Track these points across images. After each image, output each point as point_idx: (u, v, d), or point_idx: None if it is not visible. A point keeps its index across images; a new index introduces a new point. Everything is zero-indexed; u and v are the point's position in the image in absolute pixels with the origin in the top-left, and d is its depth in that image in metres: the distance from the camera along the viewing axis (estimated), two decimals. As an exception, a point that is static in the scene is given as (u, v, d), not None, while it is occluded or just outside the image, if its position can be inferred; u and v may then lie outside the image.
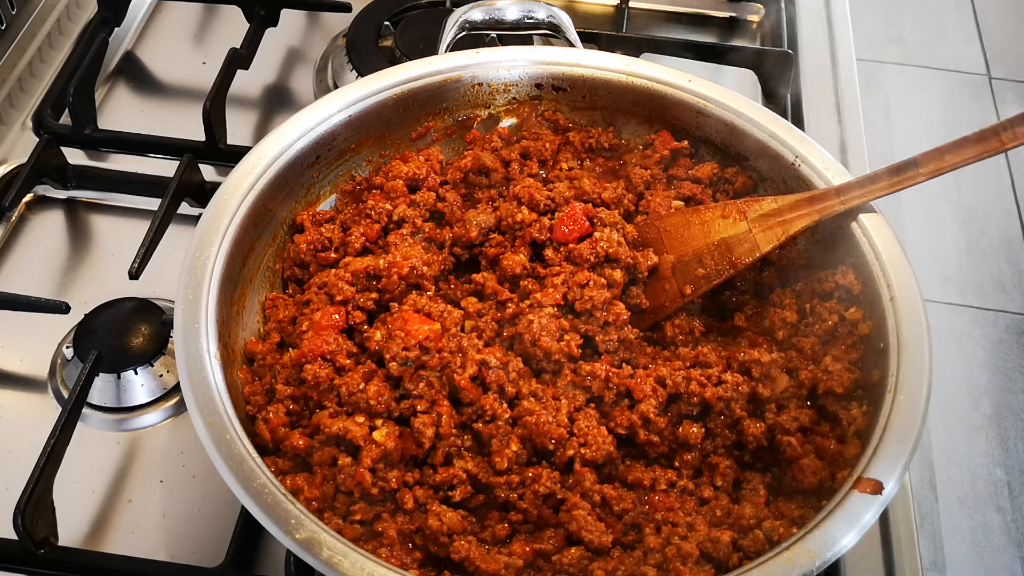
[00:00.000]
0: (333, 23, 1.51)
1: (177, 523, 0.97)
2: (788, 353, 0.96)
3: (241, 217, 0.95)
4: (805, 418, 0.91)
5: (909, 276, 0.92)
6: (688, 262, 1.02)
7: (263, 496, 0.76)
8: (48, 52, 1.42)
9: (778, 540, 0.80)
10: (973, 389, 2.67)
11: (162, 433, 1.04)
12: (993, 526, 2.41)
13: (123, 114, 1.37)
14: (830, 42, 1.51)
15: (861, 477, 0.79)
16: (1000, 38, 3.62)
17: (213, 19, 1.52)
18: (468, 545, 0.81)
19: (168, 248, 1.10)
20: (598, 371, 0.91)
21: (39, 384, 1.07)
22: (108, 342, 1.04)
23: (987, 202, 3.07)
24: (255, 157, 0.99)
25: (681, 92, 1.10)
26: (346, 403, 0.88)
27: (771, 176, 1.06)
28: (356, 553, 0.74)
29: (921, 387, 0.84)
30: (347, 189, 1.10)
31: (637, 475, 0.89)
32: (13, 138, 1.31)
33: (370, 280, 0.97)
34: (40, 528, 0.89)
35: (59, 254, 1.20)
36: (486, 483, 0.86)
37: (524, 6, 1.19)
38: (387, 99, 1.08)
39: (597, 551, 0.82)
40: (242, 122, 1.37)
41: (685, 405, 0.91)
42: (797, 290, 1.02)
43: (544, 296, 0.95)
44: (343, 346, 0.92)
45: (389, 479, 0.85)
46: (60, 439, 0.93)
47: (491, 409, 0.88)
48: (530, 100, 1.15)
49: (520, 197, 1.04)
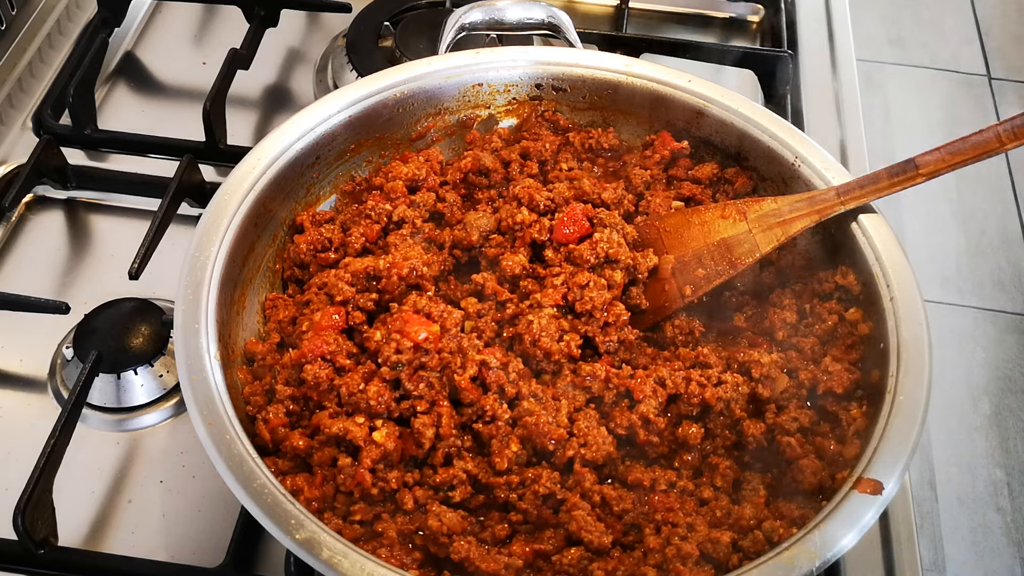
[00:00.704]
0: (333, 23, 1.51)
1: (177, 523, 0.97)
2: (788, 353, 0.96)
3: (241, 217, 0.95)
4: (805, 418, 0.91)
5: (909, 276, 0.92)
6: (688, 263, 1.02)
7: (263, 496, 0.76)
8: (48, 52, 1.42)
9: (778, 540, 0.80)
10: (973, 389, 2.67)
11: (162, 433, 1.04)
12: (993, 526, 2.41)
13: (123, 114, 1.37)
14: (830, 42, 1.51)
15: (861, 477, 0.79)
16: (1000, 38, 3.62)
17: (213, 19, 1.52)
18: (468, 545, 0.81)
19: (168, 248, 1.10)
20: (598, 372, 0.91)
21: (39, 384, 1.07)
22: (108, 342, 1.04)
23: (987, 202, 3.07)
24: (255, 157, 0.99)
25: (681, 92, 1.10)
26: (346, 403, 0.88)
27: (771, 176, 1.06)
28: (356, 553, 0.74)
29: (921, 387, 0.84)
30: (347, 189, 1.10)
31: (637, 475, 0.89)
32: (13, 138, 1.31)
33: (370, 281, 0.97)
34: (40, 528, 0.89)
35: (59, 254, 1.20)
36: (486, 483, 0.86)
37: (524, 6, 1.19)
38: (387, 99, 1.08)
39: (597, 551, 0.82)
40: (242, 122, 1.37)
41: (685, 405, 0.91)
42: (797, 290, 1.02)
43: (544, 297, 0.95)
44: (343, 346, 0.92)
45: (389, 479, 0.85)
46: (60, 439, 0.93)
47: (491, 410, 0.88)
48: (530, 100, 1.15)
49: (520, 198, 1.04)
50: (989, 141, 0.89)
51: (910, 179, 0.93)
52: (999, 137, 0.88)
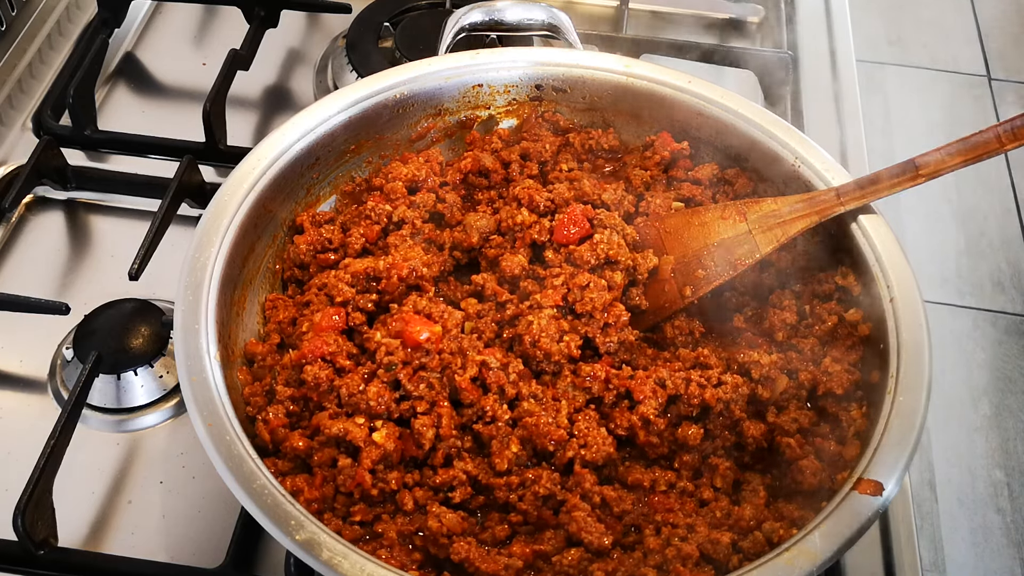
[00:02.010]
0: (333, 24, 1.51)
1: (177, 524, 0.97)
2: (788, 354, 0.96)
3: (241, 218, 0.95)
4: (805, 419, 0.91)
5: (909, 277, 0.92)
6: (688, 263, 1.02)
7: (263, 497, 0.76)
8: (48, 53, 1.42)
9: (778, 541, 0.80)
10: (973, 390, 2.67)
11: (162, 434, 1.04)
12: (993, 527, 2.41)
13: (123, 115, 1.37)
14: (830, 43, 1.51)
15: (861, 478, 0.79)
16: (1000, 39, 3.62)
17: (213, 20, 1.52)
18: (468, 546, 0.81)
19: (168, 249, 1.10)
20: (598, 372, 0.91)
21: (39, 385, 1.07)
22: (108, 343, 1.04)
23: (987, 203, 3.07)
24: (255, 158, 0.99)
25: (681, 93, 1.10)
26: (346, 404, 0.88)
27: (771, 177, 1.06)
28: (356, 554, 0.74)
29: (921, 388, 0.84)
30: (347, 190, 1.10)
31: (637, 476, 0.89)
32: (13, 139, 1.31)
33: (370, 281, 0.97)
34: (40, 529, 0.89)
35: (59, 255, 1.20)
36: (486, 484, 0.86)
37: (524, 7, 1.19)
38: (387, 100, 1.08)
39: (597, 552, 0.82)
40: (242, 123, 1.37)
41: (685, 406, 0.91)
42: (797, 291, 1.02)
43: (544, 297, 0.95)
44: (343, 347, 0.92)
45: (389, 480, 0.85)
46: (60, 440, 0.93)
47: (491, 410, 0.88)
48: (530, 101, 1.15)
49: (520, 199, 1.04)
50: (989, 142, 0.89)
51: (910, 180, 0.93)
52: (999, 138, 0.88)
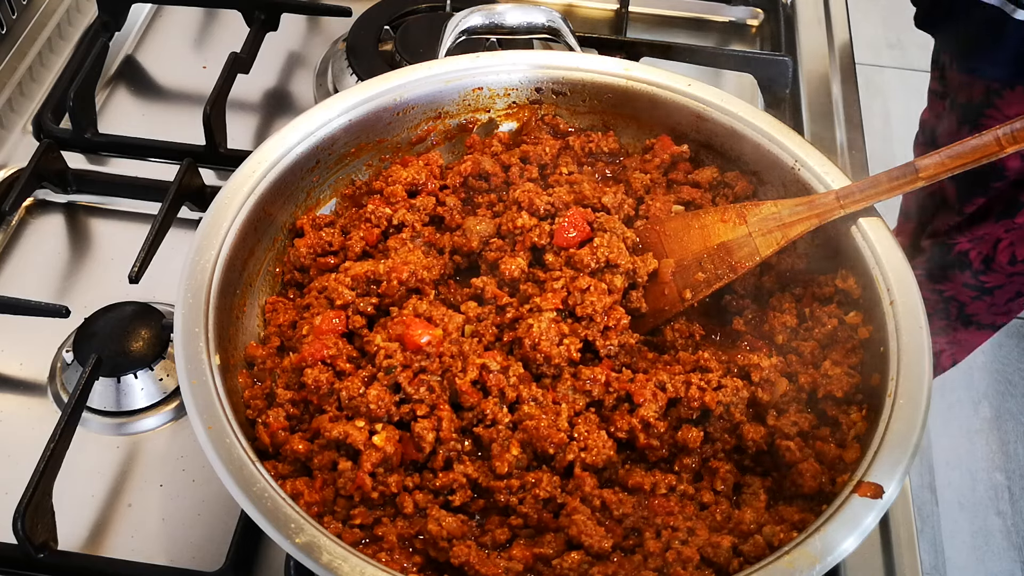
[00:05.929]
0: (333, 27, 1.51)
1: (177, 527, 0.97)
2: (788, 357, 0.96)
3: (241, 221, 0.95)
4: (805, 422, 0.91)
5: (909, 280, 0.92)
6: (688, 266, 1.02)
7: (263, 500, 0.76)
8: (48, 56, 1.42)
9: (778, 544, 0.80)
10: (973, 393, 2.67)
11: (162, 437, 1.04)
12: (993, 530, 2.41)
13: (123, 118, 1.38)
14: (829, 46, 1.51)
15: (861, 481, 0.79)
16: (999, 42, 3.62)
17: (213, 23, 1.52)
18: (468, 549, 0.81)
19: (168, 252, 1.10)
20: (598, 375, 0.91)
21: (39, 388, 1.07)
22: (108, 346, 1.04)
23: (987, 205, 3.07)
24: (255, 161, 0.99)
25: (681, 96, 1.10)
26: (346, 407, 0.88)
27: (771, 180, 1.06)
28: (356, 557, 0.74)
29: (921, 391, 0.84)
30: (347, 193, 1.10)
31: (637, 479, 0.89)
32: (13, 142, 1.31)
33: (370, 285, 0.97)
34: (40, 532, 0.89)
35: (59, 258, 1.20)
36: (486, 487, 0.86)
37: (524, 10, 1.19)
38: (387, 103, 1.08)
39: (597, 555, 0.82)
40: (242, 126, 1.37)
41: (685, 409, 0.91)
42: (797, 294, 1.02)
43: (544, 300, 0.95)
44: (343, 350, 0.92)
45: (389, 483, 0.85)
46: (60, 443, 0.93)
47: (492, 413, 0.88)
48: (530, 104, 1.15)
49: (520, 202, 1.04)
50: (989, 145, 0.89)
51: (910, 183, 0.93)
52: (999, 141, 0.88)
